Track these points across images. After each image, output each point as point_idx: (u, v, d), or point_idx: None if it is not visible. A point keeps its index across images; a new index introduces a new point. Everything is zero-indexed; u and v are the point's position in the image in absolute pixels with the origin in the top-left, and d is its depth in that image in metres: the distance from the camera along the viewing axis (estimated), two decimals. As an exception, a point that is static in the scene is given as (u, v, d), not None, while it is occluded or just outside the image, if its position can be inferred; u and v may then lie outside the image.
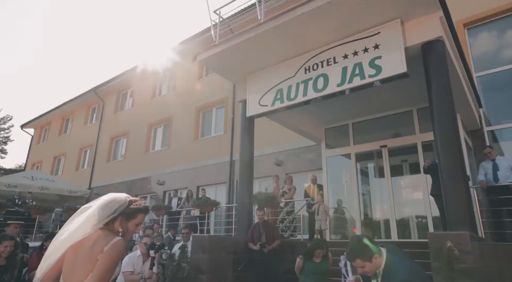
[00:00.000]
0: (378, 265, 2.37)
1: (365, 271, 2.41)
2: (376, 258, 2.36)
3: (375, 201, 8.68)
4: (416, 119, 7.86)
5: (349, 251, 2.51)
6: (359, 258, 2.38)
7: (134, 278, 4.21)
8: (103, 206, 1.96)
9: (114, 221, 1.96)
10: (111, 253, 1.80)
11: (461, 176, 4.44)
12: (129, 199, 2.05)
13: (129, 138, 17.65)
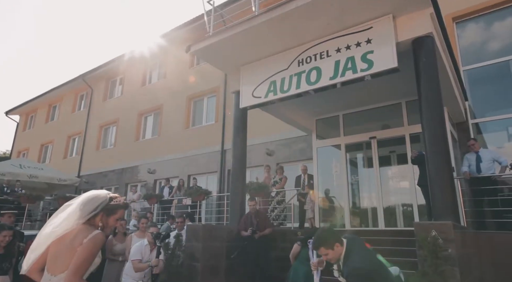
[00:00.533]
0: (340, 253, 2.62)
1: (328, 258, 2.66)
2: (337, 247, 2.61)
3: (363, 191, 8.94)
4: (405, 111, 8.06)
5: (314, 240, 2.77)
6: (323, 246, 2.63)
7: (142, 266, 4.38)
8: (86, 203, 2.11)
9: (95, 216, 2.11)
10: (90, 245, 1.95)
11: (446, 168, 4.65)
12: (110, 196, 2.19)
13: (118, 126, 17.50)
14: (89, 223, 2.10)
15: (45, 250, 2.03)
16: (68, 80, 20.54)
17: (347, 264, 2.55)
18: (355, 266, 2.46)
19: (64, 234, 2.03)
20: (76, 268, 1.90)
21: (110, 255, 5.40)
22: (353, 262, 2.50)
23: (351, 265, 2.49)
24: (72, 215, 2.09)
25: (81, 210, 2.09)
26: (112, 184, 16.62)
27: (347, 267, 2.54)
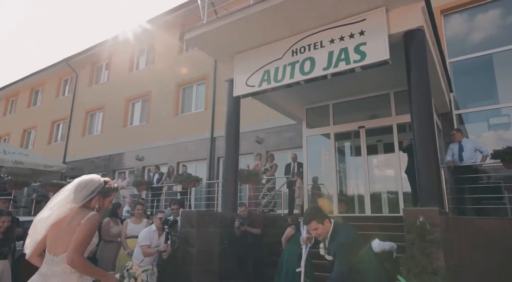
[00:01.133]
0: (328, 229, 2.82)
1: (317, 233, 2.83)
2: (327, 223, 2.82)
3: (351, 178, 9.21)
4: (393, 102, 8.29)
5: (305, 215, 2.96)
6: (314, 219, 2.81)
7: (151, 251, 4.52)
8: (83, 187, 2.26)
9: (91, 199, 2.27)
10: (87, 224, 2.12)
11: (433, 157, 4.89)
12: (104, 180, 2.36)
13: (105, 112, 17.24)
14: (85, 205, 2.24)
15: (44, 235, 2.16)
16: (52, 64, 20.00)
17: (335, 240, 2.74)
18: (342, 241, 2.68)
19: (61, 218, 2.17)
20: (76, 246, 2.05)
21: (106, 236, 5.49)
22: (340, 238, 2.71)
23: (339, 241, 2.69)
24: (69, 199, 2.22)
25: (78, 194, 2.23)
26: (99, 170, 16.46)
27: (334, 243, 2.73)
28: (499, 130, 8.88)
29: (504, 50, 8.81)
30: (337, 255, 2.69)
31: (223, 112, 12.25)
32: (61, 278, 2.05)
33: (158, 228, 4.73)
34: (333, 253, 2.76)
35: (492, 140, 8.53)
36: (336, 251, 2.69)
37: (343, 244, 2.67)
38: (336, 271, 2.65)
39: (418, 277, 3.31)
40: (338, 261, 2.66)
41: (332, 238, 2.81)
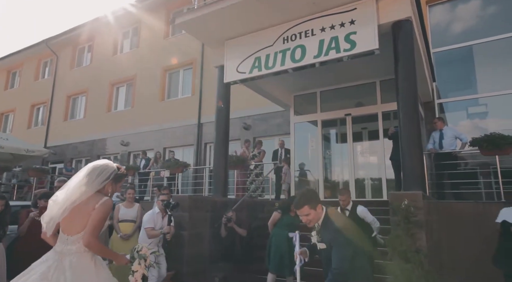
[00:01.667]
0: (320, 216, 2.65)
1: (309, 219, 2.63)
2: (319, 209, 2.65)
3: (336, 164, 9.49)
4: (379, 90, 8.52)
5: (298, 198, 2.70)
6: (307, 204, 2.61)
7: (155, 233, 4.63)
8: (99, 173, 2.38)
9: (105, 185, 2.40)
10: (102, 209, 2.28)
11: (417, 144, 5.13)
12: (117, 166, 2.49)
13: (88, 96, 16.85)
14: (99, 190, 2.36)
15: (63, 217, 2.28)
16: (30, 45, 19.24)
17: (328, 227, 2.60)
18: (339, 227, 2.55)
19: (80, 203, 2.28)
20: (92, 228, 2.21)
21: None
22: (335, 223, 2.58)
23: (335, 228, 2.56)
24: (83, 183, 2.33)
25: (95, 180, 2.34)
26: (83, 155, 16.24)
27: (329, 230, 2.59)
28: (476, 119, 9.29)
29: (483, 42, 9.13)
30: (335, 242, 2.53)
31: (211, 98, 12.30)
32: (76, 256, 2.19)
33: (161, 210, 4.86)
34: (328, 241, 2.60)
35: (470, 128, 8.92)
36: (334, 238, 2.54)
37: (340, 230, 2.53)
38: (337, 258, 2.47)
39: (402, 255, 3.56)
40: (338, 247, 2.50)
41: (325, 225, 2.64)
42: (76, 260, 2.18)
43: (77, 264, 2.17)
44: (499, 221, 4.38)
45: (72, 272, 2.13)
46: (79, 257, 2.20)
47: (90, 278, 2.18)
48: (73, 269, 2.15)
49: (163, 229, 4.64)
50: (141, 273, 2.40)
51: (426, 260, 3.56)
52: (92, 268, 2.23)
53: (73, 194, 2.32)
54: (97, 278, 2.21)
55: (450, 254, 5.46)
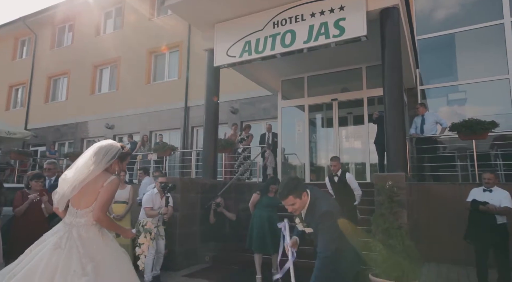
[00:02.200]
0: (305, 203, 2.60)
1: (294, 208, 2.59)
2: (304, 196, 2.59)
3: (322, 148, 9.75)
4: (364, 76, 8.73)
5: (282, 188, 2.60)
6: (292, 194, 2.54)
7: (153, 213, 4.82)
8: (105, 153, 2.52)
9: (112, 164, 2.55)
10: (109, 187, 2.44)
11: (401, 129, 5.38)
12: (121, 145, 2.63)
13: (70, 78, 16.42)
14: (106, 169, 2.52)
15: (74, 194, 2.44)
16: (6, 23, 18.40)
17: (315, 210, 2.57)
18: (326, 209, 2.53)
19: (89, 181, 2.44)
20: (101, 205, 2.39)
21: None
22: (321, 207, 2.55)
23: (321, 210, 2.53)
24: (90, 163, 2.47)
25: (101, 160, 2.49)
26: (66, 138, 15.96)
27: (316, 213, 2.56)
28: (455, 105, 9.67)
29: (465, 30, 9.40)
30: (320, 224, 2.51)
31: (198, 82, 12.27)
32: (84, 228, 2.39)
33: (159, 191, 5.00)
34: (315, 224, 2.57)
35: (449, 114, 9.30)
36: (320, 220, 2.51)
37: (327, 212, 2.51)
38: (324, 240, 2.47)
39: (385, 232, 3.83)
40: (324, 229, 2.49)
41: (311, 209, 2.62)
42: (84, 232, 2.37)
43: (85, 234, 2.37)
44: (469, 200, 4.73)
45: (82, 242, 2.32)
46: (87, 229, 2.38)
47: (99, 247, 2.36)
48: (82, 240, 2.33)
49: (161, 209, 4.81)
50: (147, 245, 2.56)
51: (407, 236, 3.84)
52: (100, 238, 2.41)
53: (82, 173, 2.45)
54: (105, 247, 2.39)
55: (427, 231, 5.83)
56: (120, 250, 2.51)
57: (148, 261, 4.73)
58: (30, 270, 2.18)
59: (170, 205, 5.09)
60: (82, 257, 2.25)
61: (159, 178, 5.09)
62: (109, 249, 2.40)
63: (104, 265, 2.29)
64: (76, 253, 2.26)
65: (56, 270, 2.17)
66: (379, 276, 3.76)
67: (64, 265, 2.19)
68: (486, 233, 4.46)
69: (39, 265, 2.19)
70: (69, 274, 2.16)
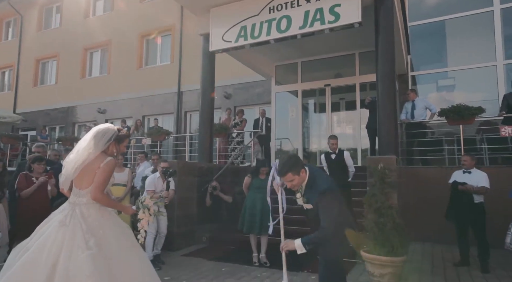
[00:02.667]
0: (304, 179, 2.72)
1: (293, 184, 2.70)
2: (303, 173, 2.69)
3: (315, 134, 9.94)
4: (357, 62, 8.86)
5: (281, 166, 2.70)
6: (291, 171, 2.65)
7: (155, 196, 4.99)
8: (102, 136, 2.69)
9: (109, 146, 2.70)
10: (105, 168, 2.60)
11: (392, 114, 5.58)
12: (118, 128, 2.78)
13: (59, 61, 16.12)
14: (103, 151, 2.67)
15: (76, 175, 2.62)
16: (-11, 3, 17.82)
17: (314, 188, 2.69)
18: (325, 187, 2.64)
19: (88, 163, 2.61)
20: (97, 185, 2.56)
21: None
22: (321, 185, 2.66)
23: (320, 188, 2.64)
24: (90, 146, 2.65)
25: (98, 142, 2.66)
26: (57, 123, 15.81)
27: (315, 190, 2.67)
28: (444, 92, 9.91)
29: (455, 17, 9.54)
30: (321, 203, 2.63)
31: (191, 66, 12.24)
32: (86, 206, 2.57)
33: (161, 176, 5.15)
34: (315, 201, 2.69)
35: (438, 100, 9.54)
36: (321, 198, 2.63)
37: (325, 191, 2.63)
38: (326, 218, 2.60)
39: (377, 211, 4.04)
40: (325, 208, 2.62)
41: (310, 186, 2.72)
42: (86, 210, 2.55)
43: (86, 212, 2.55)
44: (451, 181, 5.02)
45: (84, 219, 2.51)
46: (89, 207, 2.56)
47: (100, 223, 2.54)
48: (84, 217, 2.52)
49: (162, 192, 5.01)
50: (146, 220, 2.73)
51: (397, 215, 4.07)
52: (100, 216, 2.59)
53: (82, 155, 2.63)
54: (106, 223, 2.57)
55: (415, 212, 6.11)
56: (123, 226, 2.70)
57: (149, 240, 4.90)
58: (40, 245, 2.38)
59: (171, 189, 5.25)
60: (85, 233, 2.43)
61: (161, 163, 5.23)
62: (110, 225, 2.58)
63: (105, 240, 2.47)
64: (80, 229, 2.44)
65: (62, 245, 2.36)
66: (371, 252, 4.00)
67: (69, 241, 2.38)
68: (464, 212, 4.77)
69: (48, 241, 2.38)
70: (73, 249, 2.35)
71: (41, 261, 2.30)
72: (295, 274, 4.40)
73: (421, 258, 5.38)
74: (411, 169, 6.85)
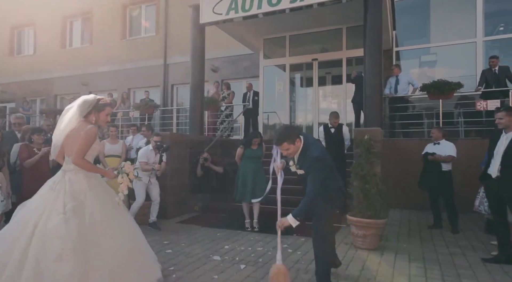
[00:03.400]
0: (298, 148, 2.95)
1: (289, 152, 2.95)
2: (298, 142, 2.93)
3: (302, 108, 10.17)
4: (344, 36, 8.98)
5: (277, 136, 2.95)
6: (286, 141, 2.89)
7: (147, 168, 5.20)
8: (81, 105, 2.92)
9: (89, 114, 2.92)
10: (85, 135, 2.82)
11: (378, 89, 5.85)
12: (97, 98, 2.99)
13: (37, 30, 15.43)
14: (86, 120, 2.90)
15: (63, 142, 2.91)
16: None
17: (307, 155, 2.93)
18: (317, 155, 2.89)
19: (71, 131, 2.88)
20: (77, 151, 2.78)
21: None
22: (313, 152, 2.91)
23: (313, 155, 2.89)
24: (74, 115, 2.91)
25: (79, 110, 2.89)
26: (38, 95, 15.39)
27: (308, 157, 2.92)
28: (426, 67, 10.23)
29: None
30: (312, 168, 2.88)
31: (177, 38, 12.04)
32: (73, 172, 2.81)
33: (154, 148, 5.29)
34: (307, 167, 2.94)
35: (420, 76, 9.86)
36: (311, 164, 2.89)
37: (317, 157, 2.87)
38: (313, 182, 2.85)
39: (362, 178, 4.39)
40: (314, 173, 2.86)
41: (304, 153, 2.96)
42: (73, 175, 2.79)
43: (73, 178, 2.77)
44: (423, 153, 5.48)
45: (70, 184, 2.74)
46: (75, 173, 2.79)
47: (83, 188, 2.76)
48: (70, 182, 2.75)
49: (155, 165, 5.25)
50: (126, 184, 2.94)
51: (380, 182, 4.42)
52: (85, 181, 2.80)
53: (67, 123, 2.89)
54: (89, 188, 2.79)
55: (395, 181, 6.55)
56: (109, 192, 2.96)
57: (135, 208, 5.17)
58: (31, 206, 2.72)
59: (163, 162, 5.41)
60: (66, 197, 2.67)
61: (155, 137, 5.36)
62: (95, 191, 2.80)
63: (87, 203, 2.70)
64: (63, 194, 2.69)
65: (45, 208, 2.64)
66: (356, 215, 4.38)
67: (52, 204, 2.65)
68: (433, 179, 5.27)
69: (37, 203, 2.72)
70: (52, 211, 2.62)
71: (29, 220, 2.60)
72: (285, 238, 4.74)
73: (399, 222, 5.86)
74: (393, 141, 7.24)
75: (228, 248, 4.41)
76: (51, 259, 2.43)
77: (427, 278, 3.42)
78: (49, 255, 2.44)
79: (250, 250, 4.34)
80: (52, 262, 2.42)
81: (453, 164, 5.36)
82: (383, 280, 3.38)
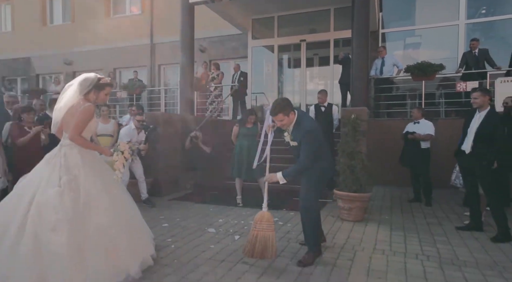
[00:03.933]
0: (292, 120, 3.12)
1: (283, 124, 3.11)
2: (292, 115, 3.09)
3: (289, 89, 10.32)
4: (332, 18, 9.08)
5: (274, 107, 3.11)
6: (281, 112, 3.05)
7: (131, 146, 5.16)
8: (82, 83, 2.97)
9: (89, 93, 2.97)
10: (82, 111, 2.91)
11: (365, 70, 6.05)
12: (98, 77, 3.04)
13: (14, 5, 14.82)
14: (85, 98, 2.96)
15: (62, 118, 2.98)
16: None
17: (300, 128, 3.10)
18: (309, 128, 3.08)
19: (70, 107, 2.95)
20: (74, 127, 2.87)
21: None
22: (305, 126, 3.09)
23: (306, 128, 3.07)
24: (74, 92, 2.97)
25: (79, 88, 2.95)
26: (18, 74, 14.97)
27: (301, 130, 3.09)
28: (410, 49, 10.45)
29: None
30: (304, 140, 3.07)
31: (163, 17, 11.83)
32: (69, 147, 2.90)
33: (136, 128, 5.36)
34: (299, 139, 3.11)
35: (404, 58, 10.09)
36: (303, 137, 3.07)
37: (310, 130, 3.06)
38: (305, 153, 3.06)
39: (349, 155, 4.64)
40: (306, 145, 3.06)
41: (297, 126, 3.14)
42: (69, 150, 2.87)
43: (68, 152, 2.86)
44: (404, 132, 5.78)
45: (65, 158, 2.84)
46: (71, 148, 2.88)
47: (78, 163, 2.85)
48: (65, 156, 2.85)
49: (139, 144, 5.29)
50: (121, 162, 3.07)
51: (365, 158, 4.69)
52: (79, 156, 2.88)
53: (68, 101, 2.94)
54: (82, 162, 2.87)
55: (379, 159, 6.86)
56: (103, 168, 3.06)
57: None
58: (30, 179, 2.84)
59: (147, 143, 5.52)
60: (61, 171, 2.77)
61: (137, 116, 5.41)
62: (90, 166, 2.89)
63: (80, 177, 2.79)
64: (58, 167, 2.79)
65: (41, 180, 2.75)
66: (342, 190, 4.65)
67: (48, 177, 2.76)
68: (413, 156, 5.61)
69: (34, 176, 2.83)
70: (48, 184, 2.73)
71: (26, 193, 2.72)
72: (275, 211, 4.99)
73: (383, 197, 6.22)
74: (377, 121, 7.52)
75: (222, 222, 4.63)
76: (47, 229, 2.53)
77: (406, 244, 3.75)
78: (45, 225, 2.54)
79: (242, 223, 4.58)
80: (48, 232, 2.52)
81: (434, 142, 5.68)
82: (367, 247, 3.67)
